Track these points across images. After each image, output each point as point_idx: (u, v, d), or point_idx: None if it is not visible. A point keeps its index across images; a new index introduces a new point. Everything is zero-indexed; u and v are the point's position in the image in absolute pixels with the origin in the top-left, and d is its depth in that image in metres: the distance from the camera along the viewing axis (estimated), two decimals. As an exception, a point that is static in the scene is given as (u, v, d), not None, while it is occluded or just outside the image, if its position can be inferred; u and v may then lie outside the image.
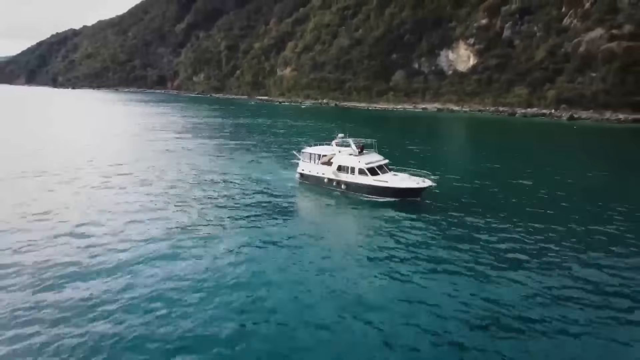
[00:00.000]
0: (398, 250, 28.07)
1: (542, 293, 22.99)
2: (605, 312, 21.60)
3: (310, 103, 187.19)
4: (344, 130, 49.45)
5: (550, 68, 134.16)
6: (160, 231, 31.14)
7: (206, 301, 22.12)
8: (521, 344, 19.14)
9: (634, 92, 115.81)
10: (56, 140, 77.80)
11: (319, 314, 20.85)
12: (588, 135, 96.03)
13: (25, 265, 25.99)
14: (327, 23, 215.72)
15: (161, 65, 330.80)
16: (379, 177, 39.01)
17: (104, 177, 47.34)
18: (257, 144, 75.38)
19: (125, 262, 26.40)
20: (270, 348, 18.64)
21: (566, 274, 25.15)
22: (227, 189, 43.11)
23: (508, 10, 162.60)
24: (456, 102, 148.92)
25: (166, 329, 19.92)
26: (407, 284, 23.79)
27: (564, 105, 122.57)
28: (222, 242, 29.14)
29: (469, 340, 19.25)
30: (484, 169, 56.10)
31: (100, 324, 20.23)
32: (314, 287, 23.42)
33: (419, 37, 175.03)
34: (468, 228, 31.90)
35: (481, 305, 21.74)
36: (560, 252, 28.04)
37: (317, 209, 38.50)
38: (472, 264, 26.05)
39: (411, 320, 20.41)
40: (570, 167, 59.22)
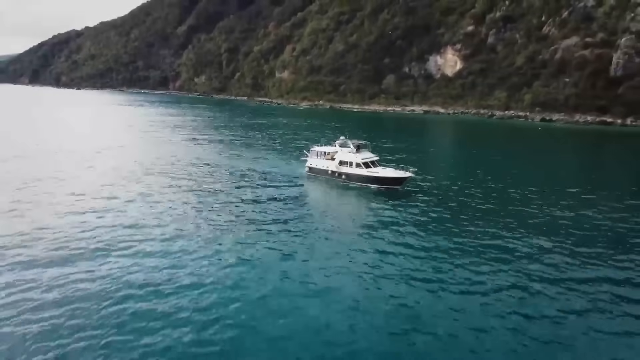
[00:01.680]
0: (382, 224, 37.10)
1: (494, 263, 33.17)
2: (566, 285, 26.84)
3: (307, 104, 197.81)
4: (337, 130, 60.17)
5: (529, 73, 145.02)
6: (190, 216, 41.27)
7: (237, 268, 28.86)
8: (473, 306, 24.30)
9: (601, 96, 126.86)
10: (84, 142, 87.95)
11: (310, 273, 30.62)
12: (555, 135, 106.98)
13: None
14: (323, 28, 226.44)
15: (163, 66, 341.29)
16: (371, 170, 49.86)
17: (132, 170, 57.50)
18: (266, 143, 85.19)
19: (158, 241, 32.16)
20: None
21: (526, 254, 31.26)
22: (251, 179, 53.17)
23: (493, 18, 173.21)
24: (442, 104, 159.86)
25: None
26: (387, 248, 32.92)
27: (538, 108, 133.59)
28: (254, 216, 38.74)
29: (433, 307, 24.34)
30: (459, 164, 67.23)
31: (110, 319, 22.54)
32: (319, 253, 31.00)
33: (409, 42, 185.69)
34: (440, 209, 41.48)
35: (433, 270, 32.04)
36: (518, 234, 35.00)
37: (323, 193, 49.21)
38: (438, 237, 34.41)
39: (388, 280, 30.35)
40: (534, 163, 70.09)
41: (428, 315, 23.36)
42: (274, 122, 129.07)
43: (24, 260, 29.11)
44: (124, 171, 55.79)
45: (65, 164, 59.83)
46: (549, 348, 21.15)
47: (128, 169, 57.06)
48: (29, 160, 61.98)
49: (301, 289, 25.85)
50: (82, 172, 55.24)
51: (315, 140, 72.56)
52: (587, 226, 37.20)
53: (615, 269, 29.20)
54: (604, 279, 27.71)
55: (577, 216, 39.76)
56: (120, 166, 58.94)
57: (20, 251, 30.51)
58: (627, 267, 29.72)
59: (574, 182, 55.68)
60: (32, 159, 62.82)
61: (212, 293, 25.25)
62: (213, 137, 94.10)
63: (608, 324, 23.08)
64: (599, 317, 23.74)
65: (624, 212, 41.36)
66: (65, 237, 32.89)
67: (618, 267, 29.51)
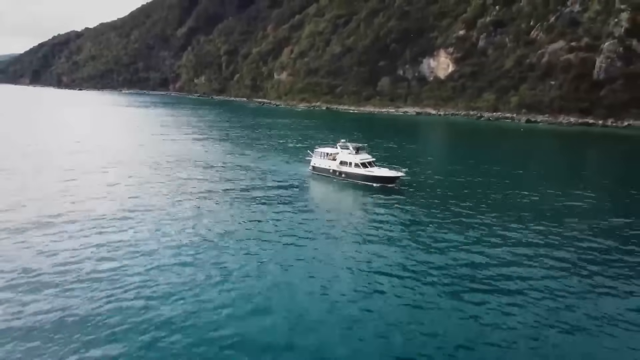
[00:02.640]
0: (377, 216, 43.05)
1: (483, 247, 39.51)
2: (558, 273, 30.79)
3: (304, 106, 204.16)
4: (334, 130, 66.35)
5: (517, 76, 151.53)
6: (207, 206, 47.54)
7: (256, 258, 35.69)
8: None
9: (584, 98, 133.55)
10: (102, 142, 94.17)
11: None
12: (536, 136, 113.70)
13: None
14: (320, 30, 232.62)
15: (163, 67, 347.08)
16: (368, 169, 56.10)
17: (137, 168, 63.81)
18: (271, 144, 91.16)
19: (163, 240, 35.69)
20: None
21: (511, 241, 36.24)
22: (262, 176, 59.38)
23: (483, 22, 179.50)
24: (434, 106, 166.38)
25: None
26: (382, 239, 38.96)
27: (524, 110, 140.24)
28: (267, 208, 44.90)
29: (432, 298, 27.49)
30: (446, 163, 73.75)
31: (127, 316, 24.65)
32: (319, 243, 35.96)
33: (404, 46, 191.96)
34: (428, 203, 47.64)
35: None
36: (500, 222, 40.95)
37: (325, 189, 55.45)
38: (427, 227, 40.39)
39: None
40: (514, 161, 76.57)
41: (420, 300, 27.05)
42: (275, 123, 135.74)
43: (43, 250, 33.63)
44: (141, 166, 62.37)
45: (99, 159, 66.31)
46: (544, 340, 23.46)
47: (145, 165, 63.41)
48: (65, 156, 68.27)
49: (306, 274, 30.40)
50: (112, 165, 62.03)
51: (316, 142, 78.92)
52: (566, 214, 43.77)
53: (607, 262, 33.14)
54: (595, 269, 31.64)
55: (551, 206, 46.43)
56: (142, 161, 65.53)
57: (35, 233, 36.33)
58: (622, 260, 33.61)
59: (549, 177, 62.23)
60: (70, 154, 69.05)
61: (226, 281, 29.16)
62: (220, 138, 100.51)
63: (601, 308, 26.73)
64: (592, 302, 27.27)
65: (604, 204, 48.07)
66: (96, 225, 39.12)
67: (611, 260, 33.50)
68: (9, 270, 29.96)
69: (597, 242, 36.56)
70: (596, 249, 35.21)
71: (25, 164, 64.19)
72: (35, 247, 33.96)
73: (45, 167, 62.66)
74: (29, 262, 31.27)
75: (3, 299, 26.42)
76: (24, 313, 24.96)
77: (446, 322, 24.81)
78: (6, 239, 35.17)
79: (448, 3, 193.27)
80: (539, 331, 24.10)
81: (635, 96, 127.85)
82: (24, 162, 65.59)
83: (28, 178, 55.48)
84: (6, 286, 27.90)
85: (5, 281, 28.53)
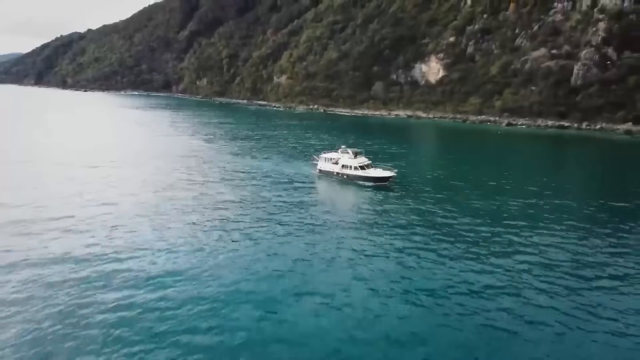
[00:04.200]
0: (373, 210, 52.35)
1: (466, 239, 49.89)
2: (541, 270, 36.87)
3: (302, 108, 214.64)
4: (332, 132, 76.18)
5: (501, 82, 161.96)
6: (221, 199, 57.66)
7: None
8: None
9: (561, 103, 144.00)
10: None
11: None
12: (513, 139, 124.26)
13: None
14: (318, 36, 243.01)
15: (166, 70, 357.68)
16: (366, 171, 66.23)
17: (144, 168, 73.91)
18: (280, 148, 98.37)
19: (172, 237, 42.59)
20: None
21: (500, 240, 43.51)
22: (275, 178, 68.70)
23: (472, 29, 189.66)
24: (424, 109, 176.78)
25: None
26: (381, 230, 50.29)
27: (506, 113, 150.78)
28: (281, 204, 54.80)
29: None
30: (433, 163, 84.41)
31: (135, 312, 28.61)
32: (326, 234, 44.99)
33: (397, 51, 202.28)
34: (419, 200, 56.96)
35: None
36: (487, 219, 50.35)
37: (330, 188, 65.58)
38: (412, 216, 51.03)
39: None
40: (489, 161, 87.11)
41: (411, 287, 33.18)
42: (276, 125, 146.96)
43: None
44: (157, 166, 72.70)
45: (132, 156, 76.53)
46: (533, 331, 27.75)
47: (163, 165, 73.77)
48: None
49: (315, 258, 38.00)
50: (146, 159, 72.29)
51: (317, 143, 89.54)
52: (539, 209, 53.89)
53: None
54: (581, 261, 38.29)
55: (528, 202, 56.67)
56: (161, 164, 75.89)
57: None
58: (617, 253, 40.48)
59: (516, 175, 72.70)
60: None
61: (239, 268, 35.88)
62: (229, 139, 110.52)
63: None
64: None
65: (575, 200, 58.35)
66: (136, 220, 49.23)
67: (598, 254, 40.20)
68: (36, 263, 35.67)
69: (570, 231, 46.18)
70: (567, 236, 44.26)
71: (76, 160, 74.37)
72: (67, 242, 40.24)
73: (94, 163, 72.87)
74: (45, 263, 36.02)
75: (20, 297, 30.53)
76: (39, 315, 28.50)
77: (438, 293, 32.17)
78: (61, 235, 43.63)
79: (439, 11, 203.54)
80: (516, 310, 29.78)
81: (609, 101, 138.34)
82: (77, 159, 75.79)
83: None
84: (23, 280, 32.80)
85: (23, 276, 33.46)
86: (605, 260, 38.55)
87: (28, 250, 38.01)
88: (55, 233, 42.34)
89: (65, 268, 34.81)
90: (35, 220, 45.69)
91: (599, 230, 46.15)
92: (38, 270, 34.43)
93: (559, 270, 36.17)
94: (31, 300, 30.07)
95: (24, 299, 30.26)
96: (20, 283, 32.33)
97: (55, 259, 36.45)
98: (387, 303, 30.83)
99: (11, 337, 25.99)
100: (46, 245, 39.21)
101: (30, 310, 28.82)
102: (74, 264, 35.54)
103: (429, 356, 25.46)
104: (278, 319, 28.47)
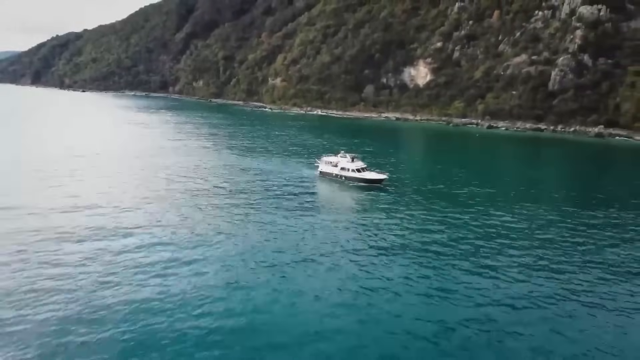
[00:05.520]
0: (368, 207, 60.34)
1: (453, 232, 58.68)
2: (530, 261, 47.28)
3: (296, 110, 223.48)
4: (326, 134, 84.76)
5: (484, 86, 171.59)
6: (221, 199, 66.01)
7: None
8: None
9: (539, 107, 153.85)
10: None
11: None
12: (491, 140, 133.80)
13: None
14: (311, 40, 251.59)
15: (163, 71, 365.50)
16: (362, 173, 74.24)
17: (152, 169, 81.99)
18: (283, 151, 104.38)
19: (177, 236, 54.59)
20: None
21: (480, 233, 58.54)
22: (279, 179, 75.84)
23: (458, 35, 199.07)
24: (412, 112, 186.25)
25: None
26: (373, 223, 58.77)
27: (488, 116, 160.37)
28: (286, 201, 63.19)
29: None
30: (419, 163, 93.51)
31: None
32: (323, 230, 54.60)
33: (386, 56, 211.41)
34: (408, 198, 65.26)
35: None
36: (470, 211, 62.57)
37: (330, 188, 73.13)
38: (403, 212, 58.92)
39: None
40: (475, 161, 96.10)
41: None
42: (273, 127, 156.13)
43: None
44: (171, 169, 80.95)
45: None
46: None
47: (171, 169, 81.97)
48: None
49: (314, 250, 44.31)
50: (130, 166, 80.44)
51: (312, 144, 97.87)
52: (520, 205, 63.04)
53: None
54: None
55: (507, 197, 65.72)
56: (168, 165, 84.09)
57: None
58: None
59: (490, 173, 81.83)
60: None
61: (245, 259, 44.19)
62: (230, 141, 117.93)
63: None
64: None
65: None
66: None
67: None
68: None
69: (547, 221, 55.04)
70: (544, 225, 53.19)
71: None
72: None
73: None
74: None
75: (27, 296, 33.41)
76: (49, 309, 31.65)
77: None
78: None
79: (427, 17, 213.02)
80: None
81: (583, 105, 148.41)
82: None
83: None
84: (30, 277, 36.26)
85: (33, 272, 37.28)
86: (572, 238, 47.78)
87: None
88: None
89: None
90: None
91: (572, 220, 55.12)
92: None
93: (537, 255, 43.85)
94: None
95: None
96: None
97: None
98: (376, 291, 35.77)
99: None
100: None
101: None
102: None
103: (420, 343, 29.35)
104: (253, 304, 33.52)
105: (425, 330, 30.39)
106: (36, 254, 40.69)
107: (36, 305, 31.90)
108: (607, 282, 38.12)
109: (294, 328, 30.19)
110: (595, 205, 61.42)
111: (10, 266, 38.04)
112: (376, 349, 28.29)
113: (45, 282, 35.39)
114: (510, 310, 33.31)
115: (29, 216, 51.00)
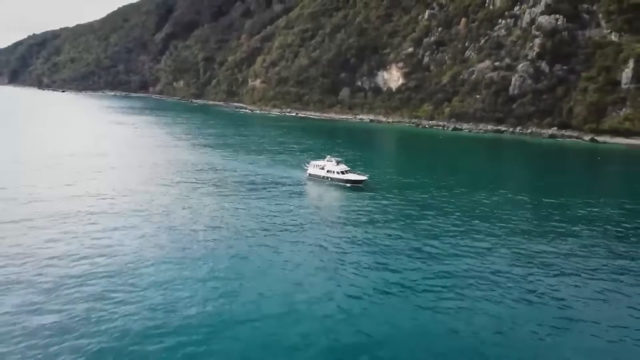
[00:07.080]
0: (350, 206, 67.85)
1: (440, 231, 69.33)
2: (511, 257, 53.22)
3: (276, 112, 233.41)
4: (304, 138, 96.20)
5: (451, 90, 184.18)
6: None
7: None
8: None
9: (500, 110, 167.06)
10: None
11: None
12: (455, 141, 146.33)
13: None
14: (289, 43, 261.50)
15: (143, 71, 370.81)
16: (345, 175, 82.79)
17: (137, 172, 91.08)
18: (265, 151, 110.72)
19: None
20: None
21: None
22: (270, 181, 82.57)
23: (428, 41, 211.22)
24: (384, 114, 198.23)
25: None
26: (357, 221, 69.43)
27: (453, 119, 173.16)
28: (277, 201, 73.56)
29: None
30: (394, 165, 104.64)
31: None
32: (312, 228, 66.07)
33: (361, 60, 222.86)
34: (389, 198, 73.72)
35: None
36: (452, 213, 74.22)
37: (317, 189, 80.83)
38: (381, 209, 68.56)
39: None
40: (442, 161, 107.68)
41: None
42: (255, 129, 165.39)
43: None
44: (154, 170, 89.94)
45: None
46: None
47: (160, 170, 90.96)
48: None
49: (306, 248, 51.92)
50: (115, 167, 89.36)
51: (299, 150, 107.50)
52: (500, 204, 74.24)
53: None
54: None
55: (483, 200, 76.84)
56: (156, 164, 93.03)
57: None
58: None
59: (452, 172, 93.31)
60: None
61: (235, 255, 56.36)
62: (215, 143, 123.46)
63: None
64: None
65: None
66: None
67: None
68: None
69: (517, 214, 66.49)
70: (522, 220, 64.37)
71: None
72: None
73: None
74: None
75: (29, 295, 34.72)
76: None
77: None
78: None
79: (400, 23, 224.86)
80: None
81: (539, 108, 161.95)
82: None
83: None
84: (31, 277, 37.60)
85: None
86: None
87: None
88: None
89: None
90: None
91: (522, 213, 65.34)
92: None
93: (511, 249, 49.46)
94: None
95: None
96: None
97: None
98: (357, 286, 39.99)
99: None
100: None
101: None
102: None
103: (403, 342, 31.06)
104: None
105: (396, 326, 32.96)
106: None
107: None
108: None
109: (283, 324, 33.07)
110: (543, 195, 73.01)
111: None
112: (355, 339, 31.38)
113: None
114: (462, 298, 37.02)
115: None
